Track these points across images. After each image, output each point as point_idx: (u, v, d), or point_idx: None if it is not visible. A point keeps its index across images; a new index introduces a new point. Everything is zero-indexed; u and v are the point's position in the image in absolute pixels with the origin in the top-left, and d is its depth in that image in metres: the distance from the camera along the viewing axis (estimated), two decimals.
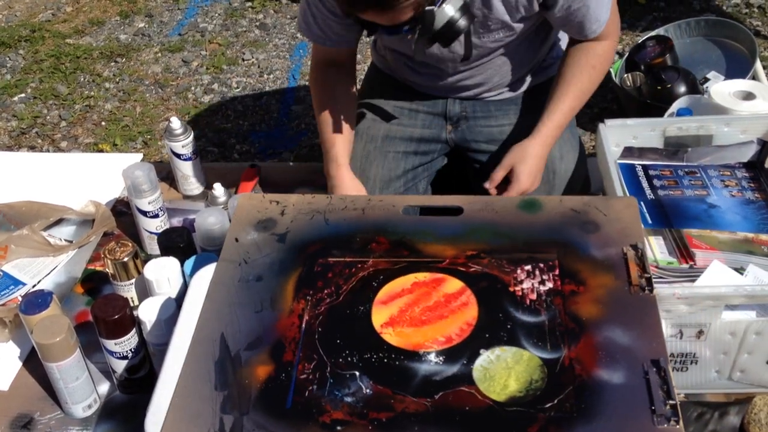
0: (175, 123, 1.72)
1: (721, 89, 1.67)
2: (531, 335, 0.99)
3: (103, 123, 2.67)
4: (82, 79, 2.89)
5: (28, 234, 1.59)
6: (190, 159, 1.76)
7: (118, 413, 1.34)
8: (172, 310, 1.29)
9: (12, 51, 3.07)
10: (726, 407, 1.25)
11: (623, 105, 2.40)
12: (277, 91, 2.77)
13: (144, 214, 1.61)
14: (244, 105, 2.71)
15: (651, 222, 1.35)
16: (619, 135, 1.51)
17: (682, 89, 2.16)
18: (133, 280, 1.45)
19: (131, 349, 1.30)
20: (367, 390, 0.94)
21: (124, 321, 1.27)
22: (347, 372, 0.96)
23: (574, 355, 0.95)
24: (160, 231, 1.60)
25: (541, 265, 1.07)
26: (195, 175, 1.79)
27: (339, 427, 0.90)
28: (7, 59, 3.02)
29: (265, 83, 2.81)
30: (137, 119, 2.67)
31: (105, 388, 1.38)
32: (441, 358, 0.98)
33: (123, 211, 1.75)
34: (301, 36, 2.97)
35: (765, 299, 1.18)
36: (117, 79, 2.88)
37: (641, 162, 1.50)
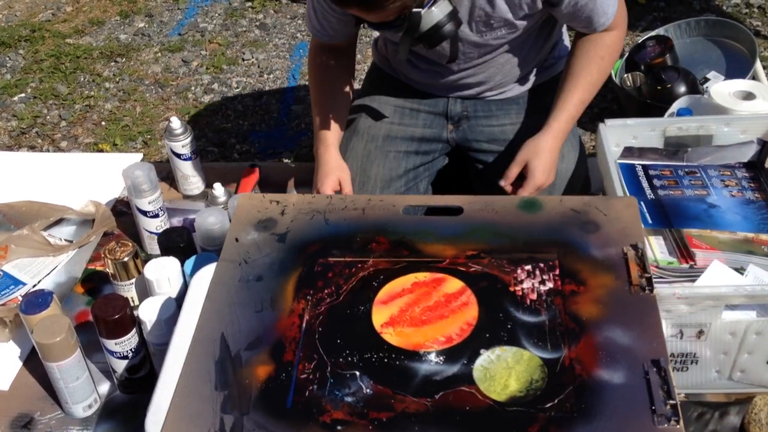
0: (175, 123, 1.72)
1: (721, 89, 1.67)
2: (531, 335, 0.99)
3: (103, 123, 2.67)
4: (82, 79, 2.89)
5: (28, 234, 1.59)
6: (190, 159, 1.76)
7: (118, 413, 1.34)
8: (172, 310, 1.29)
9: (12, 51, 3.07)
10: (726, 407, 1.25)
11: (623, 105, 2.40)
12: (277, 91, 2.77)
13: (144, 214, 1.61)
14: (244, 105, 2.71)
15: (651, 222, 1.35)
16: (619, 135, 1.51)
17: (682, 89, 2.16)
18: (134, 280, 1.45)
19: (131, 349, 1.30)
20: (368, 390, 0.94)
21: (124, 321, 1.27)
22: (347, 372, 0.96)
23: (574, 355, 0.95)
24: (160, 231, 1.60)
25: (542, 265, 1.07)
26: (195, 175, 1.79)
27: (339, 427, 0.90)
28: (7, 59, 3.02)
29: (265, 83, 2.80)
30: (137, 119, 2.67)
31: (105, 387, 1.38)
32: (441, 358, 0.98)
33: (123, 211, 1.75)
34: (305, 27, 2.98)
35: (765, 299, 1.18)
36: (117, 79, 2.87)
37: (641, 162, 1.50)
